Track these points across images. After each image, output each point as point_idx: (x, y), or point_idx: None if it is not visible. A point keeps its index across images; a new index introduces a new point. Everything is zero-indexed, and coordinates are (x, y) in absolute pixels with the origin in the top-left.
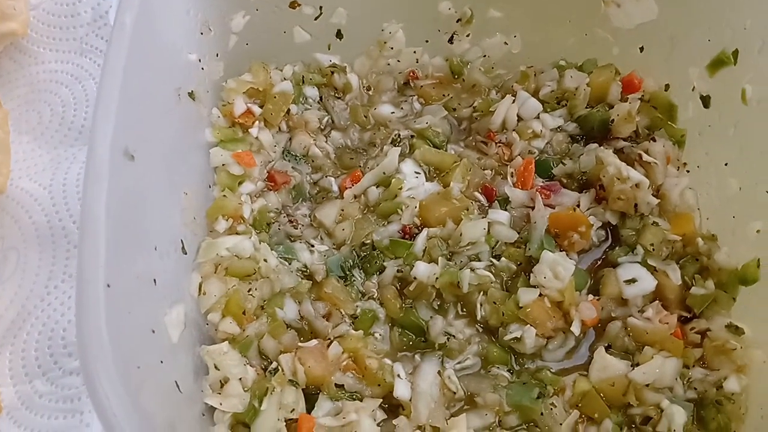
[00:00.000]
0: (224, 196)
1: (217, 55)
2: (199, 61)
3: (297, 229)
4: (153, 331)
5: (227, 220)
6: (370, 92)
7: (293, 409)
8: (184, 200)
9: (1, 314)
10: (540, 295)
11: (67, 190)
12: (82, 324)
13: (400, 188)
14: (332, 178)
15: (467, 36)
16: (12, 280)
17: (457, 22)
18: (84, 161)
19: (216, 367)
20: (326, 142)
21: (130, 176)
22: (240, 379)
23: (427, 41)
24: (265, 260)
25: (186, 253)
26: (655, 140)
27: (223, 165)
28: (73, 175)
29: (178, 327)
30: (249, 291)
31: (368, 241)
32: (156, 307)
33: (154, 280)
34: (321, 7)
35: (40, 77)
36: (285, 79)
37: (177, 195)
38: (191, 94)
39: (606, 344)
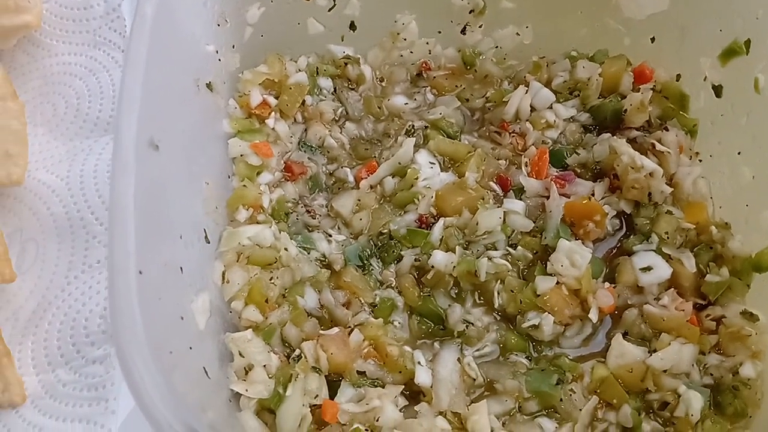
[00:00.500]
0: (244, 186)
1: (233, 46)
2: (216, 52)
3: (315, 219)
4: (181, 318)
5: (247, 210)
6: (383, 83)
7: (317, 395)
8: (206, 190)
9: (22, 305)
10: (557, 283)
11: (84, 182)
12: (116, 310)
13: (416, 178)
14: (348, 169)
15: (480, 27)
16: (32, 271)
17: (470, 13)
18: (100, 153)
19: (241, 354)
20: (341, 132)
21: (155, 166)
22: (264, 366)
23: (439, 32)
24: (286, 249)
25: (209, 242)
26: (667, 129)
27: (241, 155)
28: (90, 166)
29: (204, 314)
30: (271, 279)
31: (385, 231)
32: (183, 295)
33: (181, 268)
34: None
35: (53, 69)
36: (300, 70)
37: (199, 185)
38: (209, 85)
39: (623, 331)
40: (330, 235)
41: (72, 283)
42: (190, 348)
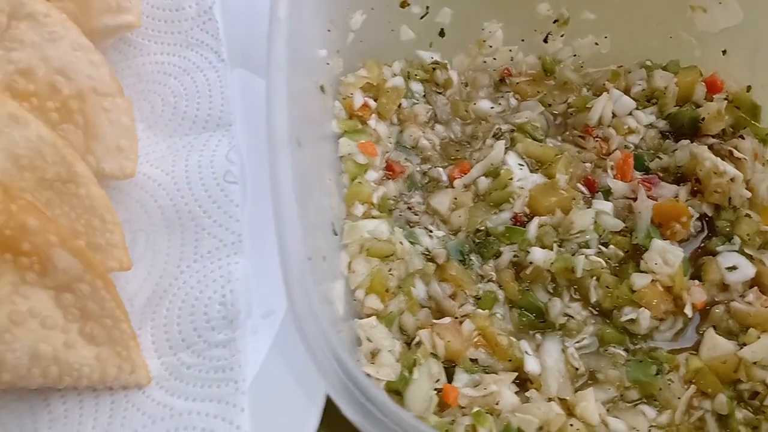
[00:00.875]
0: (359, 183)
1: (338, 51)
2: (326, 56)
3: (417, 215)
4: (330, 303)
5: (363, 205)
6: (467, 88)
7: (438, 380)
8: (329, 186)
9: (137, 292)
10: (651, 280)
11: (189, 176)
12: (293, 293)
13: (511, 179)
14: (441, 169)
15: (561, 36)
16: (143, 260)
17: (554, 22)
18: (201, 149)
19: (368, 339)
20: (432, 134)
21: (300, 163)
22: (390, 350)
23: (522, 40)
24: (401, 243)
25: (336, 234)
26: (743, 138)
27: (349, 154)
28: (194, 162)
29: (341, 301)
30: (389, 270)
31: (482, 228)
32: (328, 282)
33: (324, 257)
34: (428, 7)
35: (147, 68)
36: (395, 74)
37: (323, 181)
38: (322, 88)
39: (711, 326)
40: (430, 231)
41: (185, 272)
42: (339, 332)
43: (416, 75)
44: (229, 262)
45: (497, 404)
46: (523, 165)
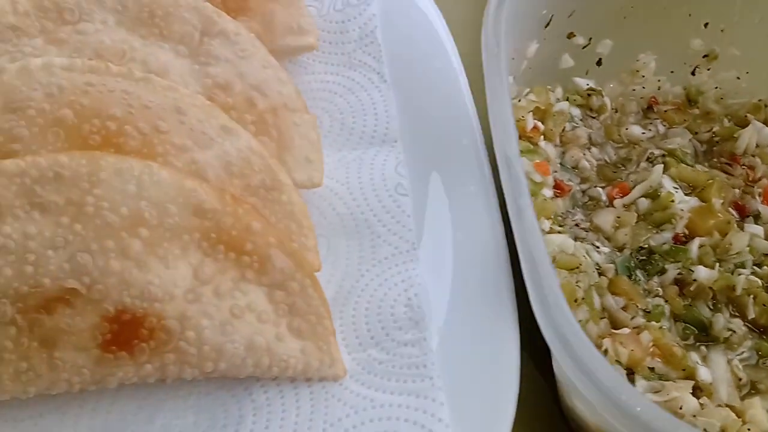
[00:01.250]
0: (544, 200)
1: (514, 78)
2: (511, 82)
3: (586, 232)
4: None
5: (548, 220)
6: (617, 114)
7: None
8: None
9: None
10: None
11: (363, 187)
12: (543, 313)
13: (672, 201)
14: (600, 189)
15: (708, 69)
16: (326, 263)
17: (704, 57)
18: (371, 163)
19: None
20: (590, 156)
21: None
22: None
23: (672, 72)
24: (584, 256)
25: None
26: None
27: (527, 173)
28: (366, 174)
29: None
30: (576, 282)
31: (645, 246)
32: None
33: None
34: (590, 38)
35: (312, 86)
36: (559, 99)
37: None
38: None
39: None
40: (597, 247)
41: (365, 276)
42: None
43: (575, 100)
44: (407, 268)
45: (680, 409)
46: (677, 188)
